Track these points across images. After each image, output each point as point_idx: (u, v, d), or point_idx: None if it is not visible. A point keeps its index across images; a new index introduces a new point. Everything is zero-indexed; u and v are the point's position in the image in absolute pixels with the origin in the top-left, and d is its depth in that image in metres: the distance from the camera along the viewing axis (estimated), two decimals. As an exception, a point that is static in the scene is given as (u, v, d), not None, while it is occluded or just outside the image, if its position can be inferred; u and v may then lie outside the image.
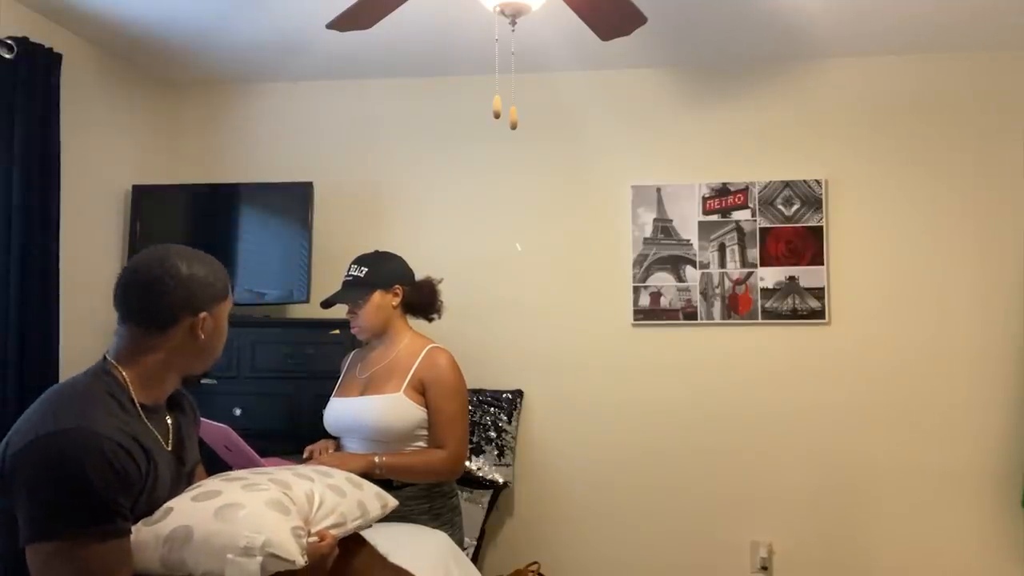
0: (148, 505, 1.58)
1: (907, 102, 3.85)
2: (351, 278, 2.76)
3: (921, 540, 3.74)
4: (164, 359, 1.67)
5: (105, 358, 1.67)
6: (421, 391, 2.64)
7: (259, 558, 1.51)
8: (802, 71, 3.90)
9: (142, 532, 1.55)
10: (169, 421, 1.73)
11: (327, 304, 2.77)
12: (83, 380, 1.63)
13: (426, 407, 2.63)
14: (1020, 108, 3.78)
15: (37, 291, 3.18)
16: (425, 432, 2.64)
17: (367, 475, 2.22)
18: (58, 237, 3.30)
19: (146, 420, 1.64)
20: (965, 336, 3.76)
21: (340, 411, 2.72)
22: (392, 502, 1.99)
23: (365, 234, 3.93)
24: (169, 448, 1.69)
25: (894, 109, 3.86)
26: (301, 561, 1.56)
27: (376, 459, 2.52)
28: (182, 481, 1.73)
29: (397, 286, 2.74)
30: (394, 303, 2.73)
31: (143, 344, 1.65)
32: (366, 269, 2.74)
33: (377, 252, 2.83)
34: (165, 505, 1.60)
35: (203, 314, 1.68)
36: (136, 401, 1.62)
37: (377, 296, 2.70)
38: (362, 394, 2.69)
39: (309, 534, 1.65)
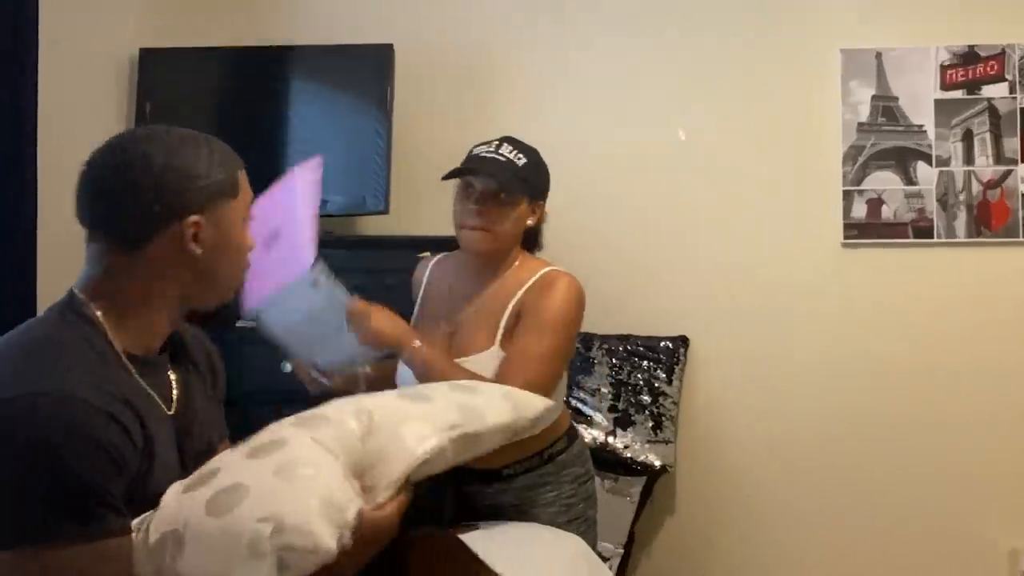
0: (144, 492, 1.37)
1: None
2: (504, 159, 2.36)
3: None
4: (144, 287, 1.46)
5: (72, 292, 1.49)
6: None
7: (270, 558, 1.25)
8: None
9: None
10: (173, 378, 1.54)
11: (464, 172, 2.34)
12: (47, 323, 1.46)
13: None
14: None
15: (9, 197, 3.10)
16: None
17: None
18: (36, 132, 3.16)
19: (136, 375, 1.44)
20: None
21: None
22: (540, 403, 1.73)
23: (465, 119, 3.45)
24: (172, 413, 1.50)
25: None
26: (330, 545, 1.27)
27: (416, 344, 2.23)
28: (190, 462, 1.52)
29: (542, 202, 2.48)
30: (531, 221, 2.43)
31: (115, 267, 1.45)
32: (525, 160, 2.36)
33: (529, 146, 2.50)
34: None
35: (193, 218, 1.44)
36: (122, 350, 1.42)
37: (524, 205, 2.39)
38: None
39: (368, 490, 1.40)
